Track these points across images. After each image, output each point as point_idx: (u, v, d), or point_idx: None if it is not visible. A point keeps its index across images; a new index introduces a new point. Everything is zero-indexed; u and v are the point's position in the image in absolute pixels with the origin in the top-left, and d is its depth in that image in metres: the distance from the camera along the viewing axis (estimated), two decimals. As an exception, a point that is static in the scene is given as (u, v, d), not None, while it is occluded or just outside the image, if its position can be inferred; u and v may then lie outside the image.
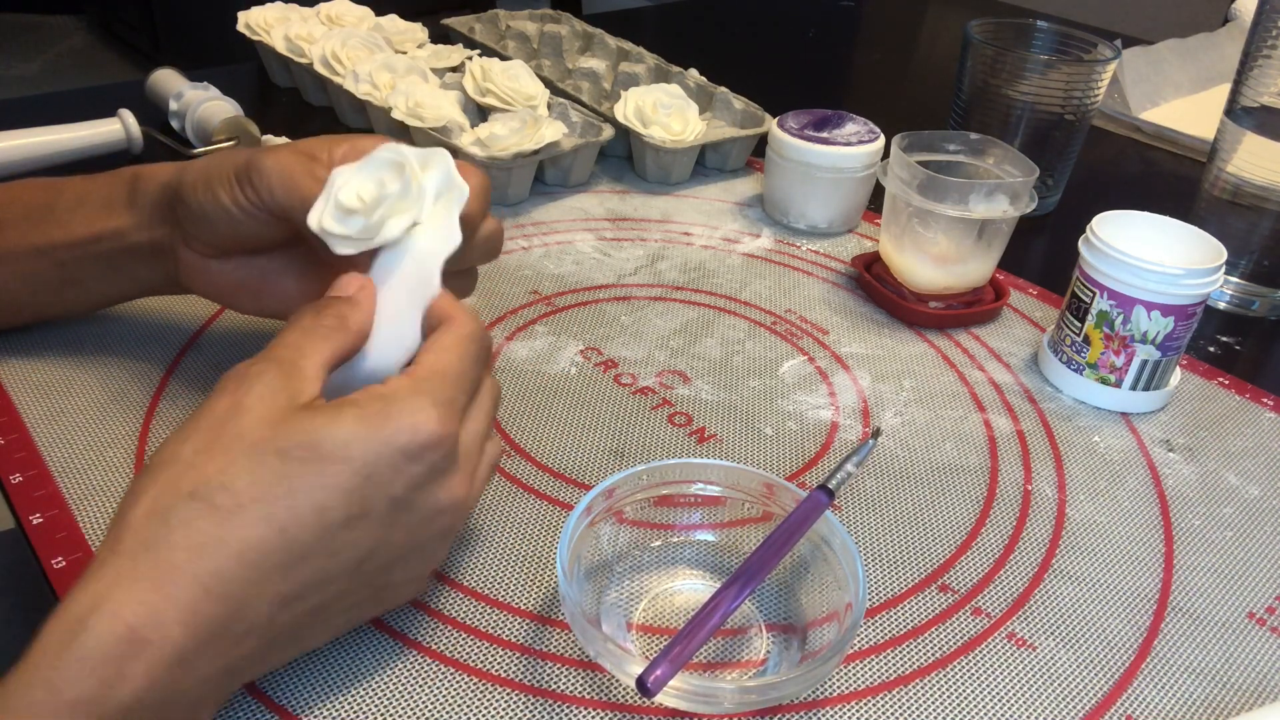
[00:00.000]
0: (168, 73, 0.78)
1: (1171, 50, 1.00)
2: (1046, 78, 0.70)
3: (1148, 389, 0.54)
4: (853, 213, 0.71)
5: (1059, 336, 0.56)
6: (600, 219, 0.70)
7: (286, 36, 0.82)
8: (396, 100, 0.70)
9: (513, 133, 0.67)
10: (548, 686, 0.37)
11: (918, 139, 0.61)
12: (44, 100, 0.89)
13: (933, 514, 0.46)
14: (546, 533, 0.44)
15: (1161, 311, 0.51)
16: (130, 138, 0.71)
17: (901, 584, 0.42)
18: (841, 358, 0.57)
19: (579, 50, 0.92)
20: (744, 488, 0.42)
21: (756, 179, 0.78)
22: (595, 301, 0.60)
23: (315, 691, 0.36)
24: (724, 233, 0.70)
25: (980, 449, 0.51)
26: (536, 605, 0.40)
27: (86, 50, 2.89)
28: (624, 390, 0.53)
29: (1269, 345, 0.63)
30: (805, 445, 0.50)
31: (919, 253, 0.59)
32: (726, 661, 0.38)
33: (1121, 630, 0.41)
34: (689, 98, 0.76)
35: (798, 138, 0.68)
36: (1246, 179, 0.63)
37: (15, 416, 0.47)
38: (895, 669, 0.39)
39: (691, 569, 0.42)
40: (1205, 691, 0.39)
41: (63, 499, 0.42)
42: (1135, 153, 0.91)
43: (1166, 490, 0.49)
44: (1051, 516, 0.47)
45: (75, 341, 0.52)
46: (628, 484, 0.40)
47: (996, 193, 0.57)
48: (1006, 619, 0.41)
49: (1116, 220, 0.54)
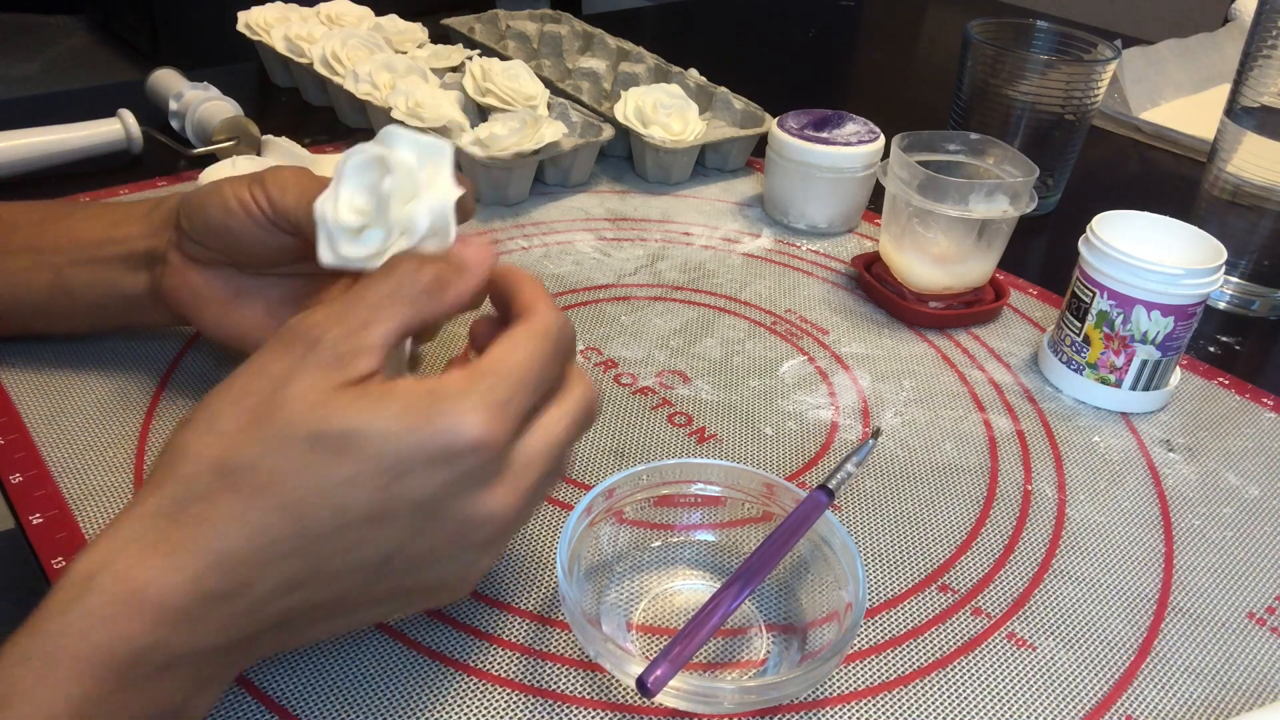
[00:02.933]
0: (168, 73, 0.78)
1: (1171, 50, 1.00)
2: (1046, 78, 0.70)
3: (1148, 389, 0.54)
4: (853, 213, 0.71)
5: (1059, 336, 0.56)
6: (600, 219, 0.70)
7: (286, 36, 0.82)
8: (396, 100, 0.70)
9: (513, 133, 0.67)
10: (548, 686, 0.37)
11: (918, 139, 0.61)
12: (44, 100, 0.89)
13: (933, 514, 0.46)
14: (546, 533, 0.44)
15: (1161, 311, 0.51)
16: (130, 138, 0.71)
17: (901, 584, 0.42)
18: (841, 358, 0.57)
19: (579, 50, 0.92)
20: (744, 488, 0.42)
21: (756, 179, 0.78)
22: (595, 301, 0.61)
23: (315, 691, 0.36)
24: (724, 233, 0.70)
25: (980, 449, 0.51)
26: (536, 605, 0.40)
27: (86, 50, 2.89)
28: (624, 390, 0.53)
29: (1269, 345, 0.63)
30: (805, 445, 0.50)
31: (919, 253, 0.59)
32: (726, 661, 0.38)
33: (1121, 630, 0.41)
34: (689, 98, 0.76)
35: (798, 138, 0.68)
36: (1246, 179, 0.63)
37: (15, 416, 0.47)
38: (895, 669, 0.39)
39: (691, 569, 0.42)
40: (1205, 691, 0.39)
41: (63, 499, 0.42)
42: (1135, 153, 0.91)
43: (1166, 490, 0.49)
44: (1051, 516, 0.47)
45: (75, 341, 0.52)
46: (628, 484, 0.40)
47: (996, 193, 0.57)
48: (1006, 619, 0.41)
49: (1116, 220, 0.54)
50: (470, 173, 0.69)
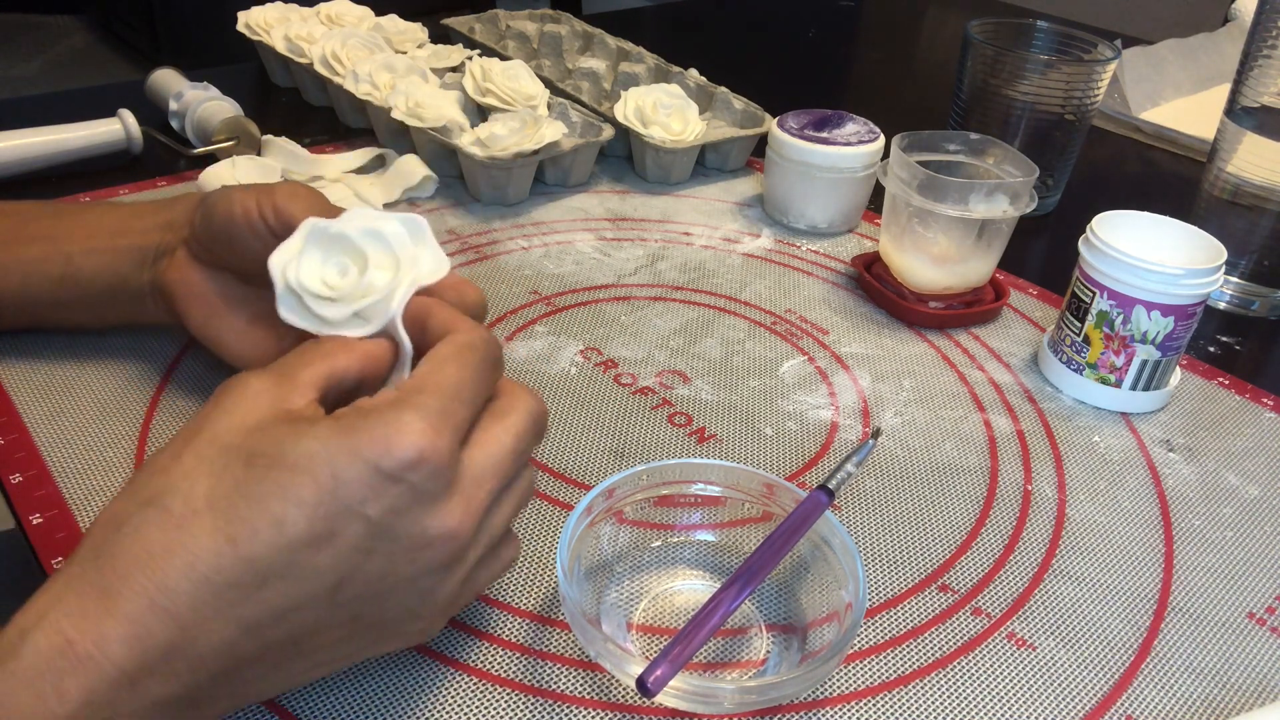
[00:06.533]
0: (168, 73, 0.78)
1: (1171, 50, 1.00)
2: (1046, 78, 0.70)
3: (1148, 389, 0.54)
4: (853, 213, 0.71)
5: (1059, 336, 0.56)
6: (600, 219, 0.70)
7: (286, 36, 0.82)
8: (396, 100, 0.70)
9: (513, 133, 0.67)
10: (548, 686, 0.37)
11: (918, 139, 0.61)
12: (44, 100, 0.89)
13: (933, 514, 0.46)
14: (546, 533, 0.44)
15: (1161, 311, 0.51)
16: (130, 138, 0.71)
17: (901, 584, 0.42)
18: (841, 358, 0.57)
19: (579, 50, 0.92)
20: (744, 488, 0.42)
21: (756, 179, 0.78)
22: (595, 301, 0.60)
23: (315, 691, 0.36)
24: (724, 233, 0.70)
25: (980, 449, 0.51)
26: (536, 605, 0.40)
27: (86, 50, 2.89)
28: (624, 390, 0.53)
29: (1269, 345, 0.63)
30: (805, 445, 0.50)
31: (919, 253, 0.59)
32: (726, 661, 0.38)
33: (1121, 630, 0.41)
34: (689, 98, 0.76)
35: (798, 138, 0.68)
36: (1246, 179, 0.63)
37: (15, 416, 0.47)
38: (895, 669, 0.39)
39: (691, 569, 0.42)
40: (1205, 691, 0.39)
41: (63, 499, 0.42)
42: (1135, 153, 0.91)
43: (1166, 490, 0.49)
44: (1051, 516, 0.47)
45: (75, 341, 0.52)
46: (628, 484, 0.40)
47: (996, 193, 0.57)
48: (1006, 619, 0.41)
49: (1116, 220, 0.54)
50: (470, 173, 0.69)
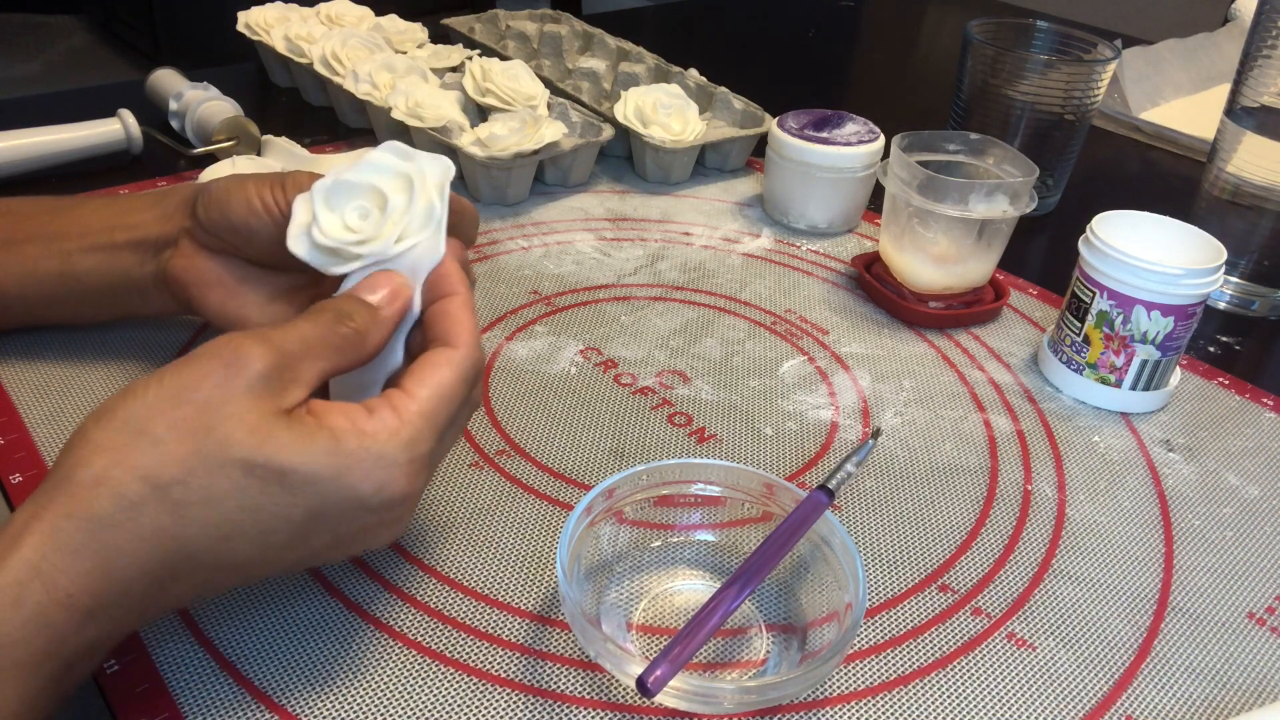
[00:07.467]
0: (168, 73, 0.78)
1: (1171, 50, 1.00)
2: (1046, 78, 0.70)
3: (1148, 389, 0.54)
4: (853, 213, 0.71)
5: (1059, 336, 0.56)
6: (600, 219, 0.70)
7: (286, 36, 0.82)
8: (396, 100, 0.70)
9: (513, 133, 0.67)
10: (548, 686, 0.37)
11: (918, 139, 0.61)
12: (44, 100, 0.89)
13: (933, 514, 0.46)
14: (546, 533, 0.44)
15: (1161, 311, 0.51)
16: (130, 138, 0.71)
17: (901, 584, 0.42)
18: (841, 358, 0.57)
19: (579, 50, 0.92)
20: (744, 488, 0.42)
21: (756, 179, 0.78)
22: (595, 301, 0.60)
23: (315, 691, 0.36)
24: (724, 233, 0.70)
25: (980, 449, 0.51)
26: (536, 605, 0.40)
27: (86, 50, 2.89)
28: (624, 390, 0.53)
29: (1269, 345, 0.63)
30: (805, 445, 0.50)
31: (919, 253, 0.59)
32: (726, 661, 0.38)
33: (1121, 630, 0.41)
34: (689, 98, 0.76)
35: (798, 138, 0.68)
36: (1246, 179, 0.63)
37: (15, 416, 0.47)
38: (895, 669, 0.39)
39: (691, 569, 0.42)
40: (1205, 691, 0.39)
41: (63, 499, 0.42)
42: (1135, 153, 0.91)
43: (1166, 490, 0.49)
44: (1051, 516, 0.47)
45: (75, 341, 0.52)
46: (628, 484, 0.40)
47: (996, 193, 0.57)
48: (1006, 619, 0.41)
49: (1116, 220, 0.54)
50: (470, 172, 0.69)
